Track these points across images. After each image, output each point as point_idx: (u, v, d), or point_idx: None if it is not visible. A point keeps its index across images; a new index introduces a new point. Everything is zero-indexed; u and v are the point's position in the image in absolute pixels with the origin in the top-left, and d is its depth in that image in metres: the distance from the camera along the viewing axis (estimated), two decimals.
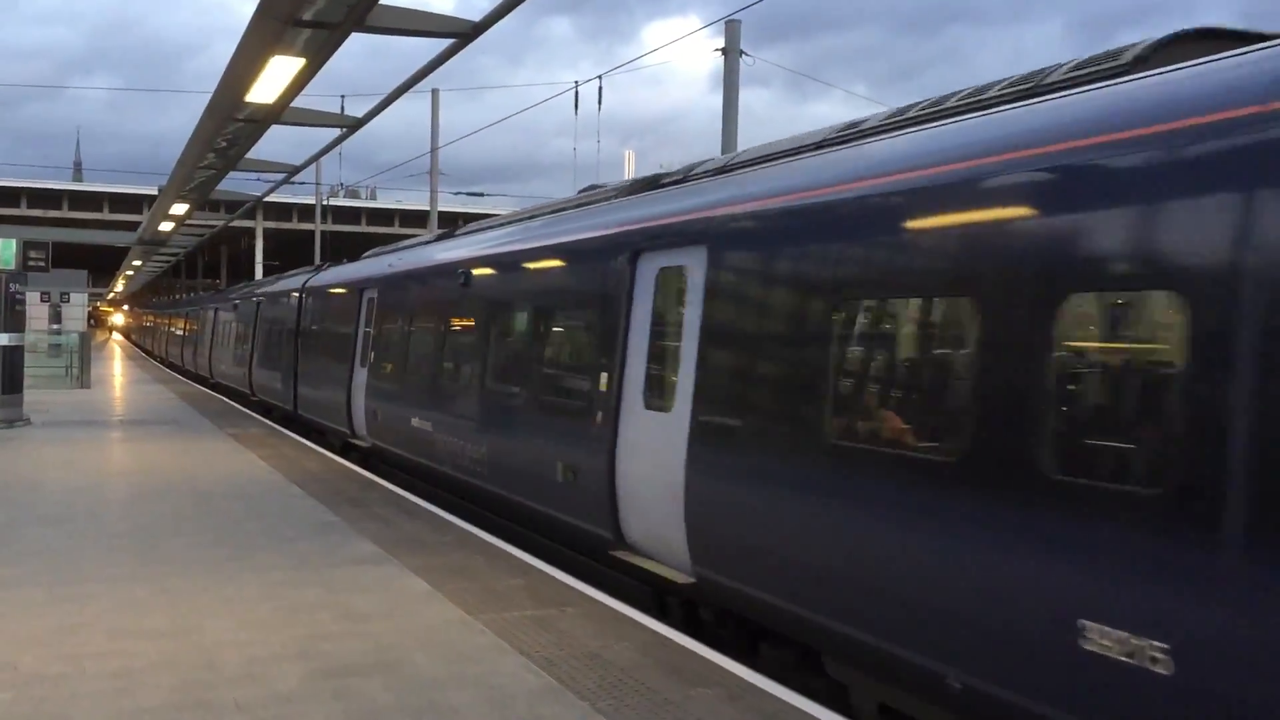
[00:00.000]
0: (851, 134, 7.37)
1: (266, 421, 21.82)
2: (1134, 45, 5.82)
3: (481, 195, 51.63)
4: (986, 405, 5.22)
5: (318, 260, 41.09)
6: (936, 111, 6.74)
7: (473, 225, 15.02)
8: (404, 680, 6.01)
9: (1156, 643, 4.26)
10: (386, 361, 15.38)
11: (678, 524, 7.58)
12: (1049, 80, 6.06)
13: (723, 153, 17.54)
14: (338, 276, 19.89)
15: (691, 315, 7.78)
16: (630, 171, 36.51)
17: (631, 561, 8.41)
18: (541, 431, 10.09)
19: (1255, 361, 4.09)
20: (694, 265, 7.84)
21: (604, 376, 8.86)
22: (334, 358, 18.22)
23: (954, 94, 6.84)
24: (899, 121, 6.98)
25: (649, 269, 8.57)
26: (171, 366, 47.60)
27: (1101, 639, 4.46)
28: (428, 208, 35.11)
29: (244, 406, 25.46)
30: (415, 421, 13.54)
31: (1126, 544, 4.45)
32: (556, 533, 9.89)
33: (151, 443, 17.45)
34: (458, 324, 12.80)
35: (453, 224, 20.89)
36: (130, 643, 6.62)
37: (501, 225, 13.17)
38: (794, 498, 6.50)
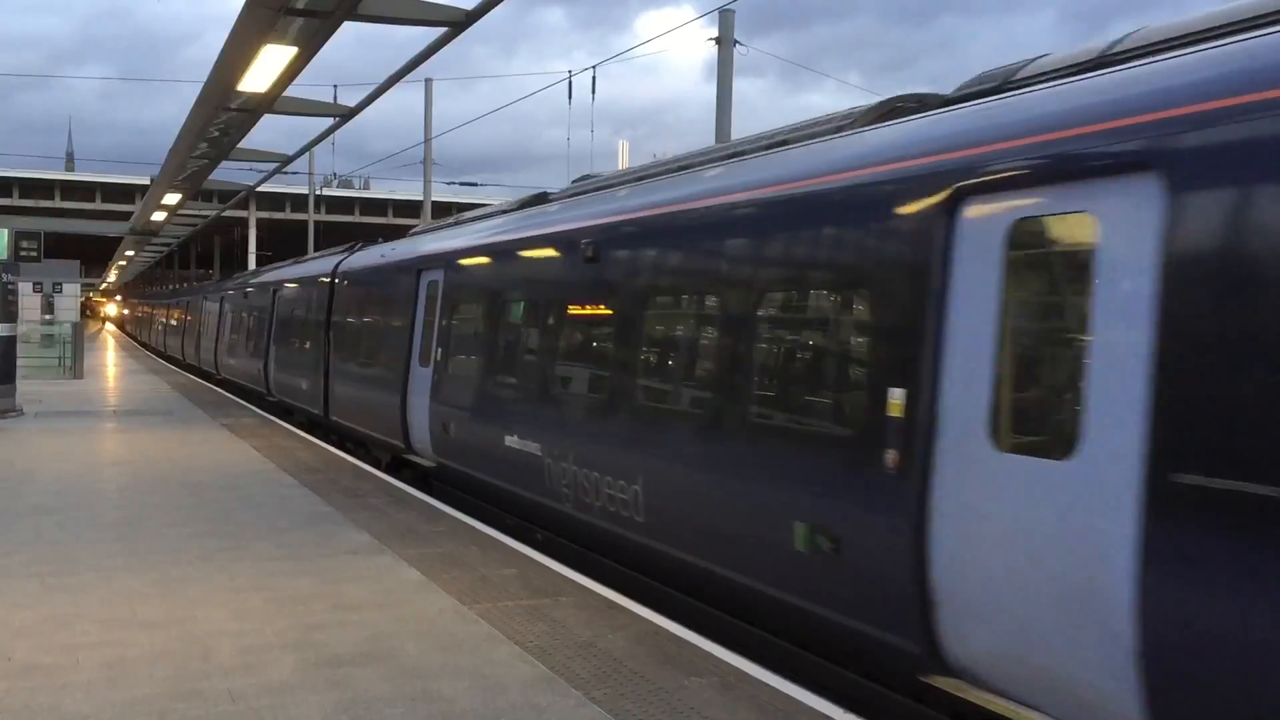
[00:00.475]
0: None
1: (259, 411, 21.75)
2: None
3: (475, 185, 51.55)
4: None
5: (311, 249, 40.93)
6: None
7: (578, 185, 11.80)
8: (398, 669, 6.00)
9: None
10: (462, 360, 12.32)
11: (1109, 660, 4.51)
12: None
13: (717, 143, 17.22)
14: (384, 256, 16.47)
15: (1117, 295, 4.65)
16: (624, 162, 35.96)
17: (967, 698, 5.37)
18: (757, 469, 6.79)
19: None
20: (1120, 208, 4.68)
21: (895, 393, 5.70)
22: (381, 354, 15.01)
23: None
24: None
25: (989, 222, 5.31)
26: (173, 362, 43.75)
27: None
28: (421, 197, 35.05)
29: (257, 407, 23.19)
30: (512, 440, 10.37)
31: None
32: (789, 623, 6.78)
33: (144, 433, 17.41)
34: (582, 311, 9.67)
35: (446, 214, 20.58)
36: (123, 633, 6.60)
37: (634, 181, 9.93)
38: None
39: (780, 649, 6.90)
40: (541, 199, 12.50)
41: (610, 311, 9.02)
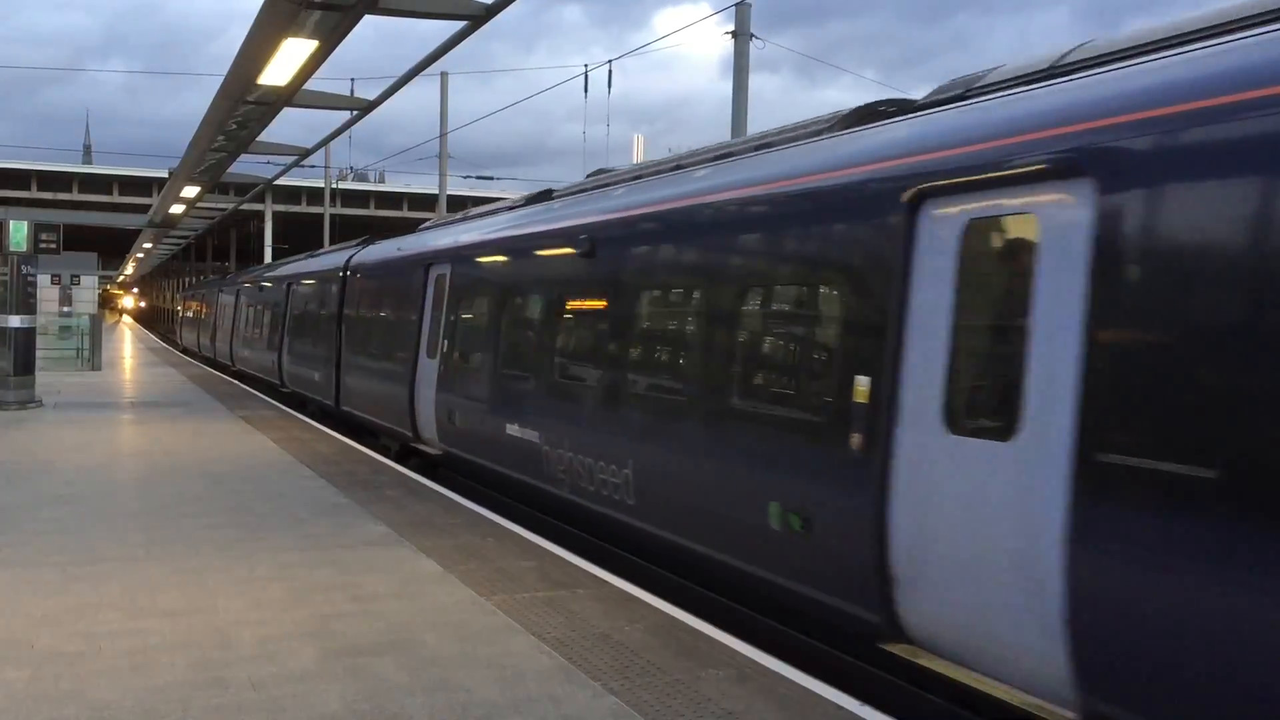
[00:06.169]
0: None
1: (277, 404, 21.84)
2: None
3: (491, 179, 51.76)
4: None
5: (326, 242, 40.88)
6: None
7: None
8: (416, 660, 6.05)
9: None
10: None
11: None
12: None
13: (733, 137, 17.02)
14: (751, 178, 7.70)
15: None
16: (638, 156, 35.92)
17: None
18: None
19: None
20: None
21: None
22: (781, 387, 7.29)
23: None
24: None
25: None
26: (222, 367, 34.13)
27: None
28: (436, 191, 35.16)
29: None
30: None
31: None
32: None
33: (163, 425, 17.52)
34: None
35: (461, 207, 20.12)
36: (144, 622, 6.67)
37: None
38: None
39: (794, 639, 6.85)
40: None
41: None
